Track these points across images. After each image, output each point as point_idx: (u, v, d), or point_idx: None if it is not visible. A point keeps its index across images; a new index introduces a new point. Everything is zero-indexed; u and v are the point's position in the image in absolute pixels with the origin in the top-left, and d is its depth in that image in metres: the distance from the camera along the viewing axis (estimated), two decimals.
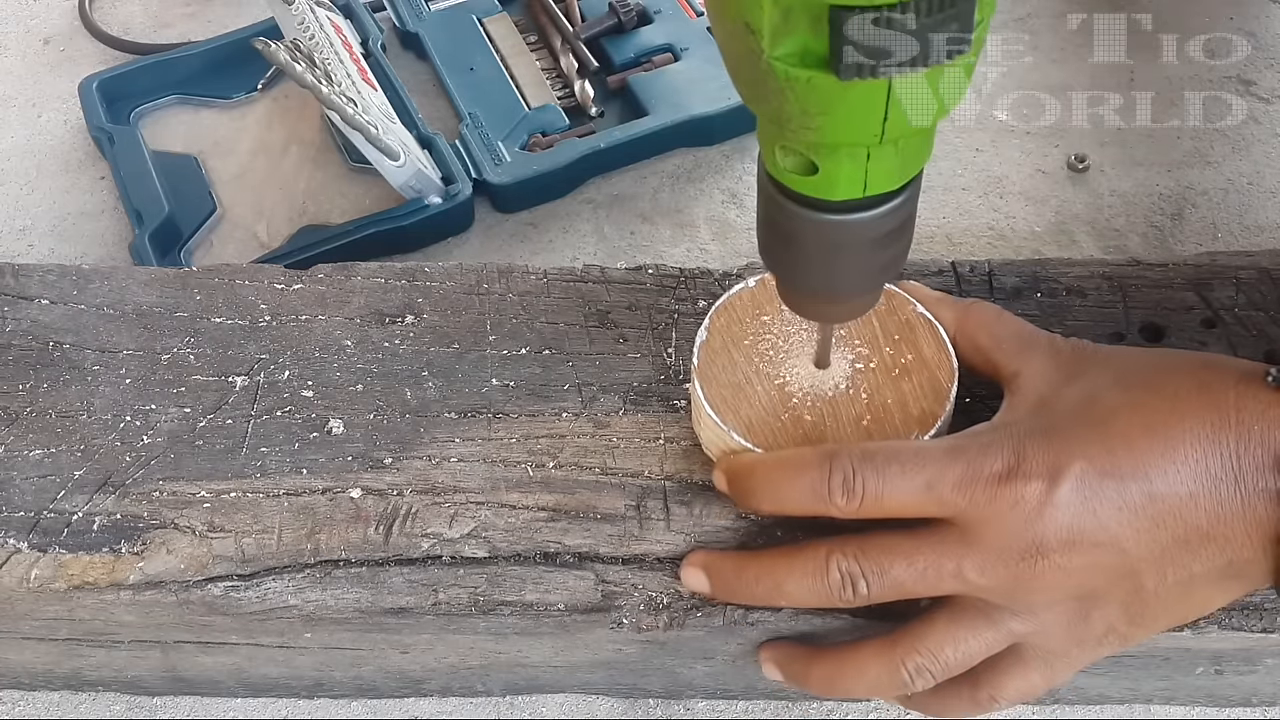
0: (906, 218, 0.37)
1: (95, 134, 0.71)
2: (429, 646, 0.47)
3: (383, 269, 0.52)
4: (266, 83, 0.75)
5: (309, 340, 0.50)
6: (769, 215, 0.37)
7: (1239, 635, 0.43)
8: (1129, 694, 0.51)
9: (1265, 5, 0.76)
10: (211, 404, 0.48)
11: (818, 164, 0.34)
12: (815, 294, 0.39)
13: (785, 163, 0.34)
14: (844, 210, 0.35)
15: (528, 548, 0.44)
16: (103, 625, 0.46)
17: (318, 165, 0.71)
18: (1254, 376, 0.38)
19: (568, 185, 0.69)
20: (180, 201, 0.68)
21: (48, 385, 0.49)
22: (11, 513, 0.45)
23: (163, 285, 0.52)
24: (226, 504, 0.45)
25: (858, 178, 0.34)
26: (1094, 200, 0.68)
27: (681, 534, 0.44)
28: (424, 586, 0.44)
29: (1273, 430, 0.37)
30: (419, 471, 0.46)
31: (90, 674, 0.50)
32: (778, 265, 0.39)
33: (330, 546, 0.44)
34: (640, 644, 0.46)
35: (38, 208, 0.70)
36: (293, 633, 0.46)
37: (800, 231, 0.36)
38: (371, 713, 0.51)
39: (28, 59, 0.79)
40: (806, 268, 0.38)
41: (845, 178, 0.34)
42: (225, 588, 0.44)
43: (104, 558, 0.44)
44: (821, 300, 0.39)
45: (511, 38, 0.75)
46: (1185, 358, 0.41)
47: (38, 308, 0.51)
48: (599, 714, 0.51)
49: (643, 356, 0.49)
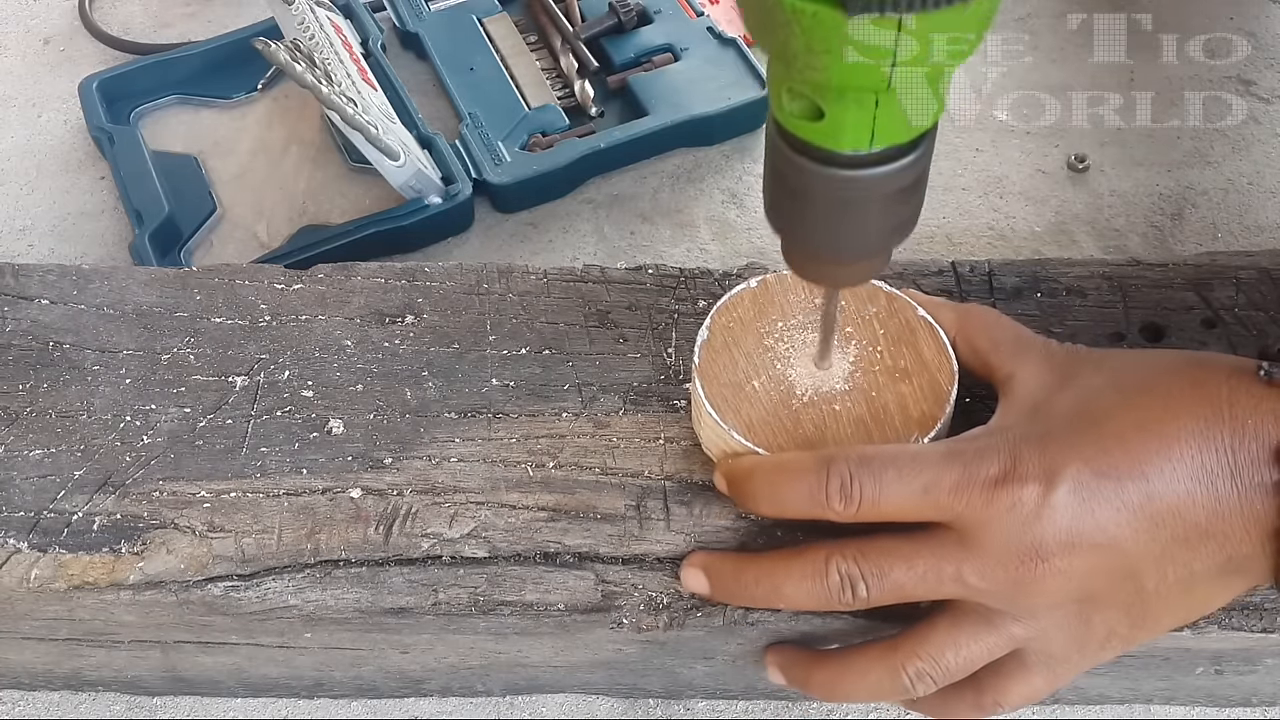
0: (918, 176, 0.36)
1: (95, 134, 0.71)
2: (429, 646, 0.47)
3: (383, 269, 0.52)
4: (266, 83, 0.75)
5: (309, 340, 0.50)
6: (776, 169, 0.36)
7: (1239, 635, 0.43)
8: (1129, 694, 0.51)
9: (1265, 5, 0.76)
10: (211, 404, 0.48)
11: (824, 108, 0.33)
12: (820, 255, 0.38)
13: (791, 107, 0.33)
14: (852, 165, 0.34)
15: (528, 548, 0.44)
16: (103, 625, 0.46)
17: (318, 165, 0.71)
18: (1245, 372, 0.39)
19: (568, 185, 0.69)
20: (180, 201, 0.68)
21: (48, 385, 0.49)
22: (11, 513, 0.45)
23: (163, 285, 0.52)
24: (226, 504, 0.45)
25: (865, 126, 0.33)
26: (1094, 200, 0.68)
27: (681, 534, 0.44)
28: (424, 586, 0.44)
29: (1266, 424, 0.37)
30: (419, 471, 0.46)
31: (90, 674, 0.50)
32: (784, 224, 0.38)
33: (330, 546, 0.44)
34: (640, 644, 0.45)
35: (38, 208, 0.70)
36: (293, 633, 0.46)
37: (807, 187, 0.35)
38: (371, 713, 0.51)
39: (28, 59, 0.79)
40: (812, 226, 0.37)
41: (851, 125, 0.33)
42: (225, 588, 0.44)
43: (104, 558, 0.44)
44: (827, 262, 0.38)
45: (511, 38, 0.75)
46: (1178, 356, 0.41)
47: (38, 308, 0.51)
48: (599, 714, 0.51)
49: (643, 356, 0.49)
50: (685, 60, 0.73)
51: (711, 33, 0.74)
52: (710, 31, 0.74)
